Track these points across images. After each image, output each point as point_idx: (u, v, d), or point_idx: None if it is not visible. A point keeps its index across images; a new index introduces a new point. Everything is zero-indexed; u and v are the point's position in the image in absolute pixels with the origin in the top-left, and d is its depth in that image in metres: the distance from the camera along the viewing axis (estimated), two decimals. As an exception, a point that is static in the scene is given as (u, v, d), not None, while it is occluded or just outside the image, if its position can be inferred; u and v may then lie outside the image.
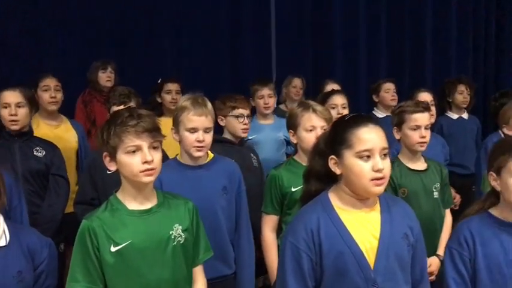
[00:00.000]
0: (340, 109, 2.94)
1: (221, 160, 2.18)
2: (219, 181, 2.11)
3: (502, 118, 2.56)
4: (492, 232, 1.67)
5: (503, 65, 4.64)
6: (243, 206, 2.19)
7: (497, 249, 1.64)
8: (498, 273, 1.63)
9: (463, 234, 1.69)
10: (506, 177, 1.64)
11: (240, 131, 2.63)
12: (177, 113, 2.09)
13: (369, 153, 1.47)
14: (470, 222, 1.72)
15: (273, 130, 3.23)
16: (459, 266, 1.67)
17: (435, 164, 2.53)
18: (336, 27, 4.34)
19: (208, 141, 2.06)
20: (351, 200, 1.53)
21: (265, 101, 3.28)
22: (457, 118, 3.83)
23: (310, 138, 2.18)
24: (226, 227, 2.12)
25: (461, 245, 1.68)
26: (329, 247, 1.48)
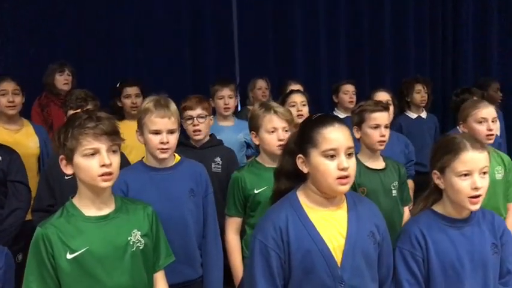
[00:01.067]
0: (300, 106, 2.96)
1: (188, 162, 2.17)
2: (186, 183, 2.09)
3: (460, 115, 2.62)
4: (440, 229, 1.70)
5: (460, 64, 4.77)
6: (211, 209, 2.18)
7: (447, 246, 1.68)
8: (451, 269, 1.66)
9: (413, 234, 1.69)
10: (451, 177, 1.67)
11: (191, 133, 2.58)
12: (140, 115, 2.07)
13: (334, 153, 1.50)
14: (418, 221, 1.74)
15: (233, 132, 3.19)
16: (412, 266, 1.68)
17: (393, 162, 2.58)
18: (297, 28, 4.37)
19: (173, 142, 2.04)
20: (319, 198, 1.55)
21: (225, 102, 3.23)
22: (415, 117, 3.92)
23: (272, 140, 2.21)
24: (194, 231, 2.10)
25: (413, 245, 1.69)
26: (297, 245, 1.50)
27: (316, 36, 4.42)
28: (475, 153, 1.65)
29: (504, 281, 1.69)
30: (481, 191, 1.63)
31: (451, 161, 1.67)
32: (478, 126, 2.51)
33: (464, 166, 1.65)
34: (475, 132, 2.49)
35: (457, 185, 1.65)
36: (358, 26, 4.52)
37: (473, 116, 2.54)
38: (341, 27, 4.48)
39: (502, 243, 1.70)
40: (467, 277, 1.66)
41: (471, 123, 2.55)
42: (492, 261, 1.68)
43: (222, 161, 2.65)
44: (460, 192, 1.65)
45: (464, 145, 1.66)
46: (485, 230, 1.70)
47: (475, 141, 1.70)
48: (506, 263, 1.69)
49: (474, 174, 1.64)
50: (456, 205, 1.69)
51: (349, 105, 3.75)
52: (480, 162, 1.65)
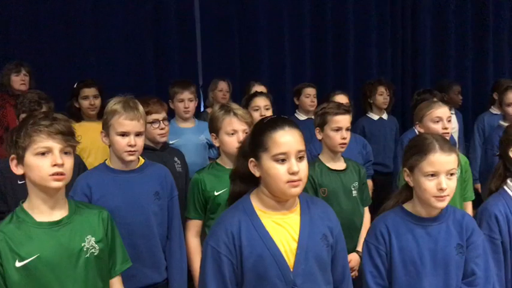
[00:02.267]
0: (263, 111, 2.96)
1: (152, 165, 2.15)
2: (151, 186, 2.07)
3: (416, 116, 2.68)
4: (406, 226, 1.74)
5: (419, 67, 4.89)
6: (176, 212, 2.16)
7: (410, 243, 1.72)
8: (412, 265, 1.71)
9: (379, 229, 1.76)
10: (418, 176, 1.71)
11: (157, 136, 2.56)
12: (106, 117, 2.03)
13: (285, 157, 1.49)
14: (386, 217, 1.79)
15: (194, 133, 3.16)
16: (376, 259, 1.74)
17: (354, 163, 2.62)
18: (261, 31, 4.37)
19: (140, 145, 2.03)
20: (271, 202, 1.55)
21: (185, 105, 3.18)
22: (377, 119, 3.99)
23: (232, 142, 2.20)
24: (158, 234, 2.08)
25: (378, 239, 1.74)
26: (250, 250, 1.49)
27: (280, 38, 4.43)
28: (442, 155, 1.68)
29: (468, 281, 1.72)
30: (446, 191, 1.67)
31: (420, 161, 1.70)
32: (434, 125, 2.58)
33: (431, 167, 1.68)
34: (430, 131, 2.54)
35: (424, 184, 1.69)
36: (321, 28, 4.56)
37: (429, 116, 2.60)
38: (305, 29, 4.51)
39: (468, 244, 1.74)
40: (428, 274, 1.70)
41: (427, 122, 2.61)
42: (455, 261, 1.71)
43: (179, 160, 2.65)
44: (426, 192, 1.69)
45: (433, 146, 1.69)
46: (452, 230, 1.74)
47: (445, 142, 1.73)
48: (472, 264, 1.73)
49: (441, 176, 1.67)
50: (424, 203, 1.73)
51: (310, 108, 3.79)
52: (447, 164, 1.68)
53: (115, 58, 3.98)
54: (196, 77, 4.29)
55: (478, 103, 4.65)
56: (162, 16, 4.12)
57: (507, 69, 5.05)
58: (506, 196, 1.92)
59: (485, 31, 5.02)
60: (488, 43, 5.03)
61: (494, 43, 5.05)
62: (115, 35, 3.98)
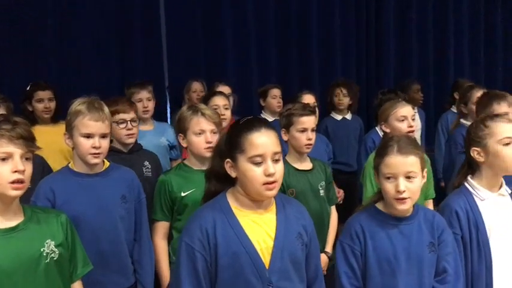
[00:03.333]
0: (222, 110, 2.94)
1: (118, 168, 2.11)
2: (117, 190, 2.03)
3: (381, 116, 2.72)
4: (380, 226, 1.76)
5: (383, 68, 4.98)
6: (143, 216, 2.13)
7: (385, 242, 1.74)
8: (386, 264, 1.72)
9: (354, 229, 1.76)
10: (380, 178, 1.75)
11: (124, 137, 2.50)
12: (70, 118, 1.98)
13: (261, 159, 1.50)
14: (360, 216, 1.80)
15: (154, 136, 3.10)
16: (350, 259, 1.74)
17: (320, 163, 2.65)
18: (227, 31, 4.34)
19: (105, 147, 1.98)
20: (247, 201, 1.55)
21: (144, 105, 3.12)
22: (340, 119, 4.04)
23: (200, 142, 2.19)
24: (125, 238, 2.05)
25: (353, 239, 1.75)
26: (225, 247, 1.50)
27: (246, 39, 4.42)
28: (399, 157, 1.70)
29: (440, 279, 1.76)
30: (405, 194, 1.68)
31: (380, 163, 1.74)
32: (399, 124, 2.61)
33: (387, 169, 1.71)
34: (396, 131, 2.58)
35: (384, 186, 1.72)
36: (286, 29, 4.58)
37: (394, 115, 2.63)
38: (270, 29, 4.51)
39: (439, 242, 1.77)
40: (402, 273, 1.72)
41: (392, 122, 2.64)
42: (428, 259, 1.74)
43: (150, 164, 2.59)
44: (387, 193, 1.72)
45: (392, 149, 1.71)
46: (424, 229, 1.77)
47: (407, 144, 1.74)
48: (443, 262, 1.76)
49: (399, 178, 1.69)
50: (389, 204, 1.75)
51: (277, 109, 3.79)
52: (404, 166, 1.69)
53: (78, 60, 3.87)
54: (162, 78, 4.23)
55: (441, 102, 4.77)
56: (126, 16, 4.04)
57: (467, 70, 5.22)
58: (466, 192, 1.96)
59: (445, 32, 5.17)
60: (449, 44, 5.18)
61: (454, 44, 5.20)
62: (78, 36, 3.87)
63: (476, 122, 2.03)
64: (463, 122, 3.16)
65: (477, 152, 1.93)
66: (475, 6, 5.32)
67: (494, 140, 1.89)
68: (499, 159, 1.89)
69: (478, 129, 1.95)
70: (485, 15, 5.37)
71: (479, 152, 1.92)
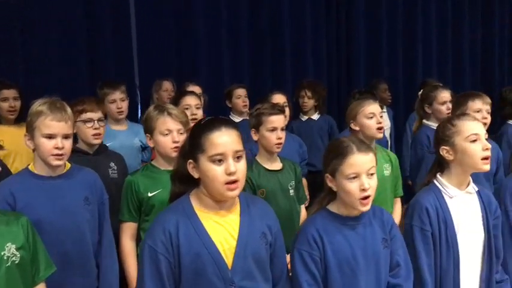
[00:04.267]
0: (194, 110, 2.92)
1: (80, 170, 2.07)
2: (80, 191, 2.00)
3: (349, 115, 2.75)
4: (335, 228, 1.74)
5: (354, 69, 5.03)
6: (106, 217, 2.11)
7: (343, 244, 1.72)
8: (347, 266, 1.71)
9: (310, 234, 1.72)
10: (341, 180, 1.72)
11: (90, 137, 2.46)
12: (30, 118, 1.93)
13: (222, 157, 1.49)
14: (315, 221, 1.77)
15: (128, 136, 3.07)
16: (310, 266, 1.69)
17: (289, 163, 2.65)
18: (198, 30, 4.31)
19: (68, 148, 1.93)
20: (210, 202, 1.55)
21: (118, 105, 3.09)
22: (306, 119, 4.06)
23: (166, 142, 2.17)
24: (90, 240, 2.02)
25: (311, 245, 1.70)
26: (187, 249, 1.49)
27: (217, 38, 4.40)
28: (360, 155, 1.71)
29: (394, 273, 1.77)
30: (369, 191, 1.69)
31: (340, 165, 1.72)
32: (368, 122, 2.64)
33: (351, 169, 1.70)
34: (365, 128, 2.63)
35: (347, 187, 1.70)
36: (258, 30, 4.58)
37: (362, 113, 2.66)
38: (242, 29, 4.51)
39: (391, 237, 1.79)
40: (362, 273, 1.72)
41: (361, 119, 2.66)
42: (384, 256, 1.76)
43: (116, 166, 2.56)
44: (351, 194, 1.70)
45: (351, 149, 1.71)
46: (375, 226, 1.78)
47: (362, 143, 1.76)
48: (396, 256, 1.78)
49: (362, 176, 1.69)
50: (349, 206, 1.75)
51: (243, 109, 3.80)
52: (366, 164, 1.71)
53: (45, 59, 3.78)
54: (133, 78, 4.17)
55: (409, 102, 4.85)
56: (95, 15, 3.97)
57: (435, 70, 5.32)
58: (435, 189, 1.99)
59: (414, 33, 5.25)
60: (418, 45, 5.27)
61: (423, 44, 5.29)
62: (45, 34, 3.79)
63: (443, 121, 2.07)
64: (425, 122, 3.19)
65: (446, 151, 1.97)
66: (442, 7, 5.42)
67: (462, 138, 1.94)
68: (467, 156, 1.93)
69: (445, 128, 2.00)
70: (452, 16, 5.48)
71: (448, 151, 1.96)
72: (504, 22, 5.79)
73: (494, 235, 2.00)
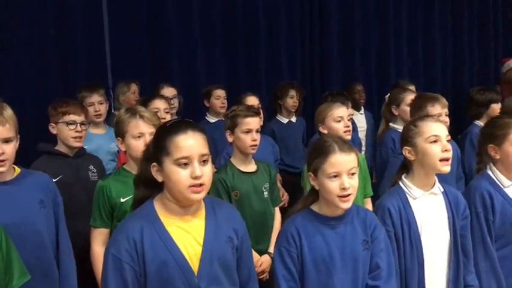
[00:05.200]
0: (163, 114, 2.90)
1: (31, 173, 2.04)
2: (34, 195, 1.96)
3: (318, 118, 2.80)
4: (315, 227, 1.79)
5: (328, 71, 5.06)
6: (62, 219, 2.07)
7: (320, 243, 1.77)
8: (322, 264, 1.76)
9: (289, 232, 1.79)
10: (322, 178, 1.76)
11: (71, 139, 2.45)
12: None
13: (187, 161, 1.48)
14: (295, 219, 1.83)
15: (105, 140, 3.04)
16: (288, 263, 1.76)
17: (264, 165, 2.67)
18: (172, 31, 4.26)
19: (9, 153, 1.86)
20: (175, 207, 1.53)
21: (95, 108, 3.08)
22: (286, 122, 4.10)
23: (138, 146, 2.14)
24: (49, 243, 1.99)
25: (289, 242, 1.77)
26: (152, 256, 1.47)
27: (191, 39, 4.35)
28: (342, 155, 1.74)
29: (373, 275, 1.80)
30: (349, 190, 1.73)
31: (322, 163, 1.75)
32: (336, 125, 2.72)
33: (333, 168, 1.74)
34: (334, 131, 2.69)
35: (328, 185, 1.74)
36: (233, 30, 4.56)
37: (331, 116, 2.74)
38: (217, 30, 4.48)
39: (372, 239, 1.81)
40: (338, 272, 1.76)
41: (329, 122, 2.74)
42: (362, 257, 1.79)
43: (96, 169, 2.54)
44: (331, 193, 1.74)
45: (333, 148, 1.75)
46: (357, 227, 1.81)
47: (344, 143, 1.79)
48: (376, 258, 1.80)
49: (343, 176, 1.73)
50: (330, 204, 1.78)
51: (220, 110, 3.79)
52: (348, 164, 1.74)
53: (15, 61, 3.69)
54: (106, 80, 4.11)
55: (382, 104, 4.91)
56: (67, 17, 3.88)
57: (407, 72, 5.40)
58: (400, 191, 2.02)
59: (387, 35, 5.32)
60: (390, 46, 5.34)
61: (395, 46, 5.37)
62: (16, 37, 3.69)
63: (408, 122, 2.12)
64: (391, 125, 3.22)
65: (408, 151, 2.01)
66: (414, 9, 5.51)
67: (422, 139, 1.97)
68: (427, 157, 1.96)
69: (408, 129, 2.04)
70: (422, 20, 5.57)
71: (410, 151, 2.00)
72: (473, 24, 5.92)
73: (463, 235, 2.03)
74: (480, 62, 5.98)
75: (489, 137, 2.21)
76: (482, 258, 2.11)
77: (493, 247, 2.12)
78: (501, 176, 2.17)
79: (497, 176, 2.18)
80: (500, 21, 6.10)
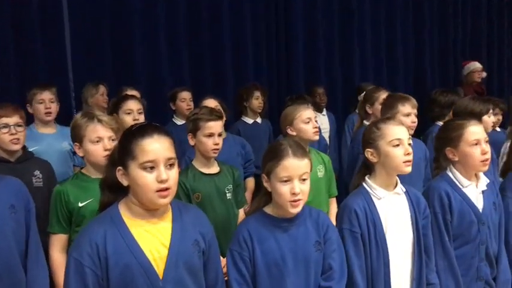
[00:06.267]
0: (136, 115, 2.87)
1: (3, 178, 1.98)
2: (4, 199, 1.91)
3: (286, 120, 2.82)
4: (268, 229, 1.79)
5: (293, 72, 5.08)
6: (33, 226, 2.02)
7: (272, 246, 1.77)
8: (275, 267, 1.76)
9: (241, 235, 1.79)
10: (274, 182, 1.77)
11: (8, 143, 2.38)
12: None
13: (153, 164, 1.47)
14: (248, 222, 1.83)
15: (56, 140, 2.96)
16: (240, 266, 1.76)
17: (228, 167, 2.66)
18: (135, 32, 4.20)
19: None
20: (141, 210, 1.52)
21: (46, 106, 2.99)
22: (252, 122, 4.12)
23: (97, 150, 2.11)
24: (17, 250, 1.93)
25: (241, 245, 1.77)
26: (116, 260, 1.46)
27: (156, 41, 4.30)
28: (295, 160, 1.75)
29: (326, 276, 1.81)
30: (300, 196, 1.74)
31: (275, 167, 1.76)
32: (305, 126, 2.74)
33: (284, 172, 1.75)
34: (303, 132, 2.73)
35: (279, 189, 1.75)
36: (198, 32, 4.53)
37: (299, 118, 2.76)
38: (181, 32, 4.43)
39: (325, 240, 1.83)
40: (290, 274, 1.77)
41: (298, 124, 2.76)
42: (315, 258, 1.80)
43: (42, 174, 2.46)
44: (282, 196, 1.76)
45: (286, 152, 1.76)
46: (310, 229, 1.82)
47: (299, 148, 1.80)
48: (329, 259, 1.81)
49: (294, 180, 1.74)
50: (281, 207, 1.79)
51: (187, 113, 3.74)
52: (300, 169, 1.75)
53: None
54: (67, 81, 4.00)
55: (347, 105, 4.97)
56: (25, 17, 3.77)
57: (371, 74, 5.49)
58: (364, 191, 2.03)
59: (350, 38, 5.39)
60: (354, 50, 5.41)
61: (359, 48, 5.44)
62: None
63: (370, 125, 2.13)
64: (365, 123, 3.30)
65: (371, 153, 2.02)
66: (377, 12, 5.60)
67: (385, 142, 1.99)
68: (389, 159, 1.99)
69: (371, 131, 2.05)
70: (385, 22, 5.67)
71: (373, 153, 2.02)
72: (434, 28, 6.06)
73: (425, 234, 2.06)
74: (440, 64, 6.12)
75: (445, 141, 2.25)
76: (440, 257, 2.15)
77: (451, 246, 2.17)
78: (460, 177, 2.22)
79: (457, 177, 2.22)
80: (459, 24, 6.27)
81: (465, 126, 2.19)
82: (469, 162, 2.18)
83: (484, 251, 2.21)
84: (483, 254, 2.21)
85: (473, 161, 2.17)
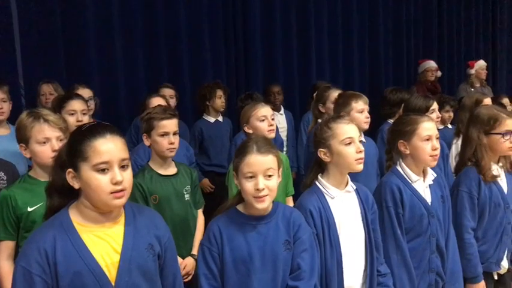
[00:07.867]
0: (80, 116, 2.77)
1: None
2: None
3: (243, 118, 2.83)
4: (237, 226, 1.80)
5: (252, 71, 5.08)
6: None
7: (241, 243, 1.78)
8: (242, 264, 1.77)
9: (212, 231, 1.80)
10: (241, 179, 1.79)
11: None
12: None
13: (107, 166, 1.43)
14: (219, 218, 1.84)
15: (10, 141, 2.77)
16: (209, 261, 1.78)
17: (185, 167, 2.63)
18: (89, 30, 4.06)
19: None
20: (93, 214, 1.47)
21: None
22: (214, 121, 4.11)
23: (45, 151, 2.02)
24: None
25: (211, 241, 1.79)
26: (66, 267, 1.41)
27: (110, 38, 4.18)
28: (258, 156, 1.75)
29: (293, 276, 1.81)
30: (264, 191, 1.74)
31: (240, 163, 1.77)
32: (260, 124, 2.76)
33: (248, 168, 1.75)
34: (258, 130, 2.73)
35: (244, 185, 1.77)
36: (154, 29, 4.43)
37: (255, 116, 2.78)
38: (137, 28, 4.32)
39: (295, 240, 1.82)
40: (257, 272, 1.77)
41: (254, 122, 2.78)
42: (283, 257, 1.79)
43: (6, 175, 2.36)
44: (247, 193, 1.76)
45: (251, 149, 1.77)
46: (280, 227, 1.81)
47: (264, 145, 1.80)
48: (298, 259, 1.81)
49: (258, 176, 1.74)
50: (249, 203, 1.79)
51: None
52: (263, 164, 1.75)
53: None
54: (17, 79, 3.83)
55: (304, 104, 5.01)
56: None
57: (327, 73, 5.56)
58: (317, 191, 2.04)
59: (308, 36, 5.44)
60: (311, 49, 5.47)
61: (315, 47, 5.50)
62: None
63: (320, 124, 2.13)
64: (320, 121, 3.34)
65: (323, 153, 2.03)
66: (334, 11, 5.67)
67: (337, 141, 2.01)
68: (342, 158, 2.01)
69: (322, 131, 2.06)
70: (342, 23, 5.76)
71: (325, 153, 2.03)
72: (388, 29, 6.21)
73: (373, 229, 2.10)
74: (394, 63, 6.27)
75: (399, 134, 2.30)
76: (393, 250, 2.19)
77: (403, 239, 2.21)
78: (409, 172, 2.27)
79: (406, 172, 2.28)
80: (412, 24, 6.45)
81: (419, 121, 2.26)
82: (419, 156, 2.24)
83: (435, 243, 2.26)
84: (434, 246, 2.26)
85: (423, 156, 2.23)
